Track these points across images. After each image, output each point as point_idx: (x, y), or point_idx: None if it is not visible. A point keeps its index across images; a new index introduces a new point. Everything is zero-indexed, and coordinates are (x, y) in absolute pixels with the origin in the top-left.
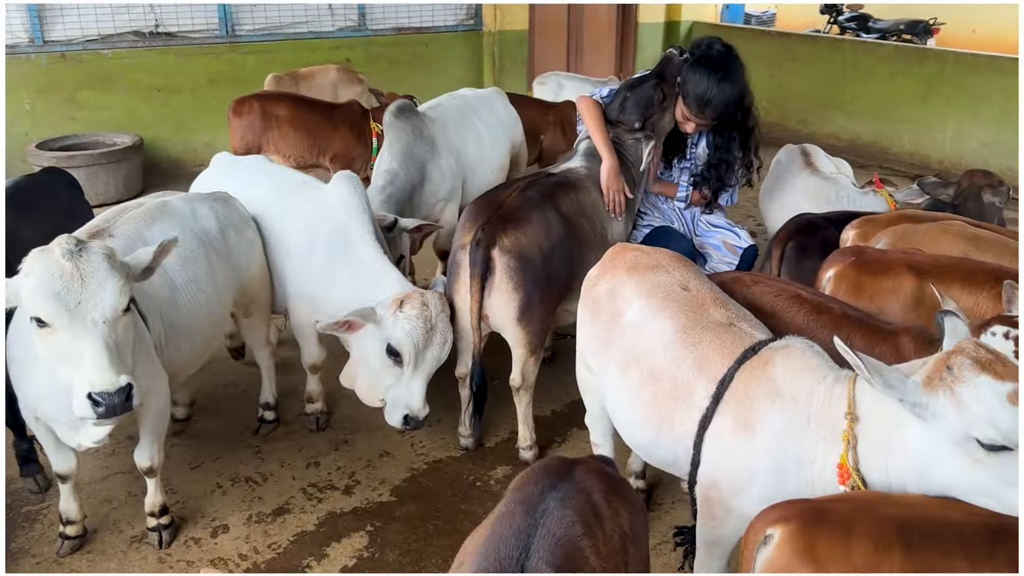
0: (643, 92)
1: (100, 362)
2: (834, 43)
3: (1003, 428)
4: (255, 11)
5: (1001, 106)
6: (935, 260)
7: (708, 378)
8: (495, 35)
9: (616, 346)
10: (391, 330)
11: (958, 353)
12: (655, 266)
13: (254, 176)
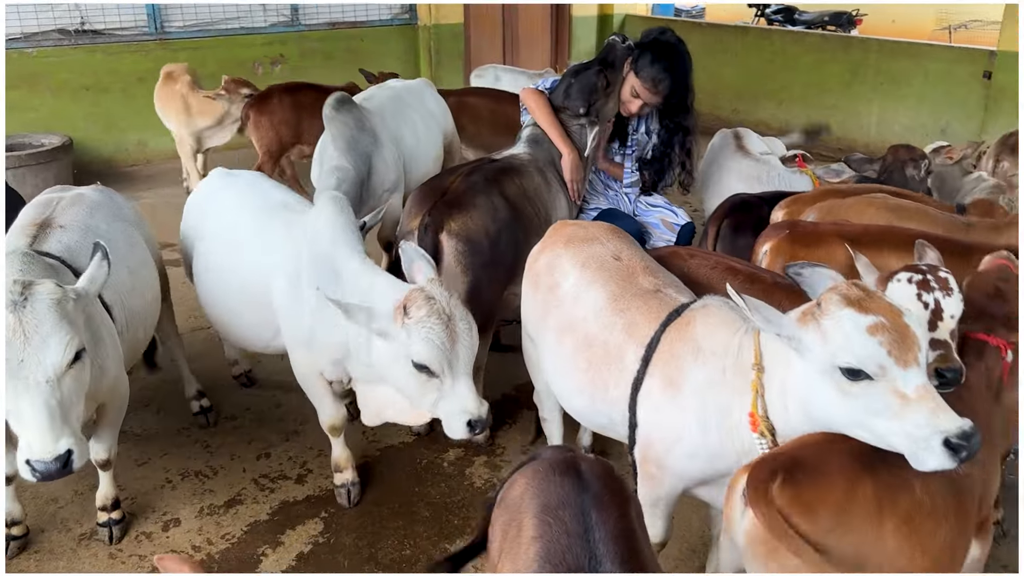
0: (587, 79)
1: (40, 428)
2: (763, 33)
3: (860, 355)
4: (184, 7)
5: (920, 90)
6: (865, 229)
7: (637, 342)
8: (430, 29)
9: (553, 316)
10: (407, 344)
11: (831, 291)
12: (590, 238)
13: (243, 197)
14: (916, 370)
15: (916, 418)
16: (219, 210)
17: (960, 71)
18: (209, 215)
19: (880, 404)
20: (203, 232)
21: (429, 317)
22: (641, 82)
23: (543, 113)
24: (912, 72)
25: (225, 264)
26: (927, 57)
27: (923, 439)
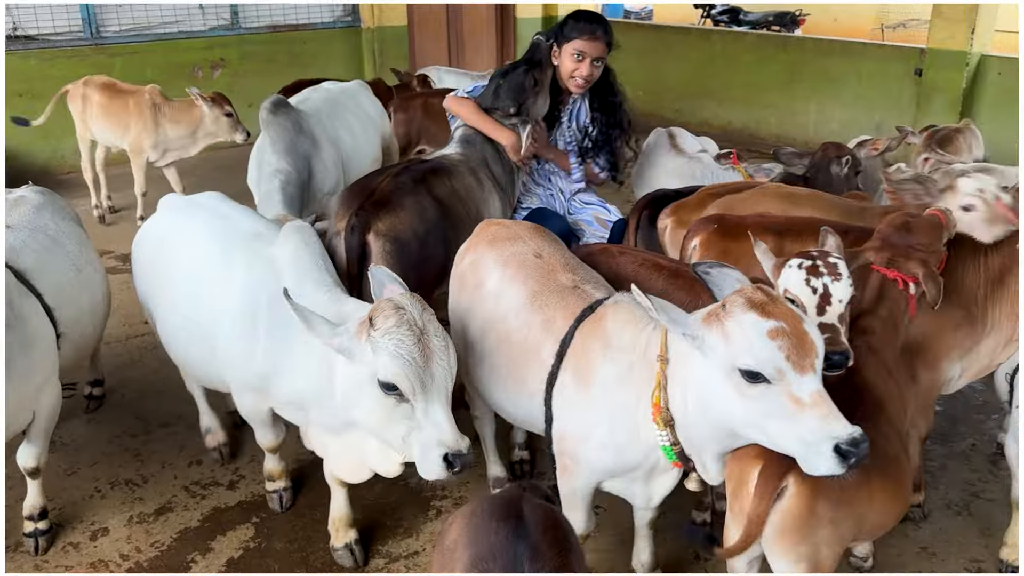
0: (515, 79)
1: None
2: (704, 34)
3: (760, 358)
4: (121, 11)
5: (856, 88)
6: (789, 220)
7: (553, 338)
8: (374, 31)
9: (478, 314)
10: (372, 360)
11: (736, 293)
12: (513, 237)
13: (203, 226)
14: (812, 376)
15: (809, 423)
16: (180, 239)
17: (893, 69)
18: (169, 247)
19: (776, 407)
20: (162, 263)
21: (398, 327)
22: (578, 36)
23: (470, 111)
24: (847, 70)
25: (186, 300)
26: (861, 56)
27: (815, 444)
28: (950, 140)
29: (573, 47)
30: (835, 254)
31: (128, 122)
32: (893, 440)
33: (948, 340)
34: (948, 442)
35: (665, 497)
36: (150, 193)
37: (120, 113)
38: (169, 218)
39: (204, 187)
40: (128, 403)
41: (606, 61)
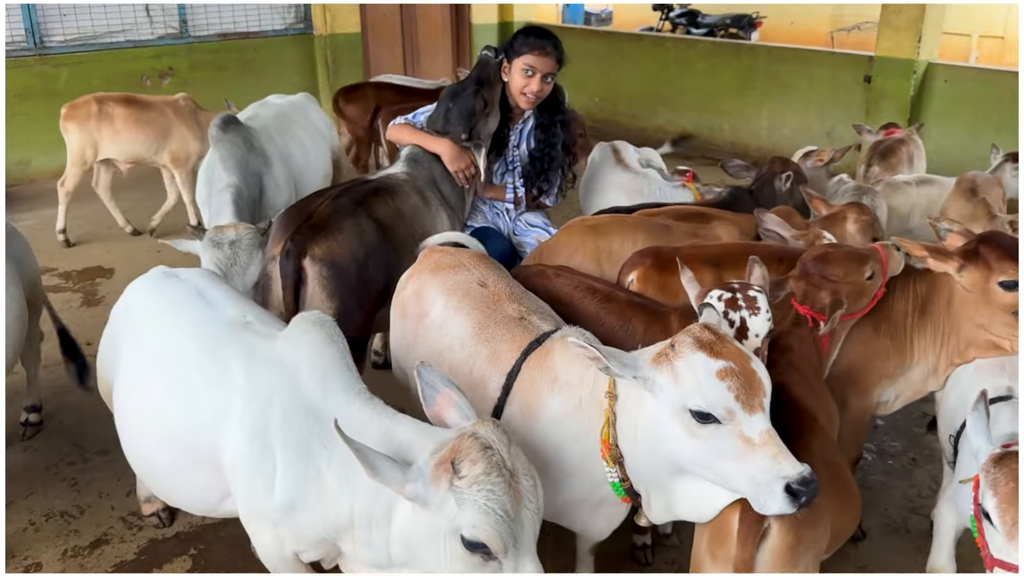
0: (465, 102)
1: None
2: (658, 41)
3: (709, 398)
4: (65, 20)
5: (807, 94)
6: (725, 249)
7: (499, 371)
8: (326, 38)
9: (421, 345)
10: (456, 514)
11: (685, 333)
12: (457, 265)
13: (188, 309)
14: (761, 415)
15: (759, 463)
16: (155, 324)
17: (843, 76)
18: (141, 329)
19: (726, 447)
20: (130, 350)
21: (488, 475)
22: (529, 52)
23: (407, 134)
24: (799, 77)
25: (159, 400)
26: (812, 62)
27: (765, 484)
28: (893, 152)
29: (523, 62)
30: (756, 287)
31: (168, 131)
32: (830, 447)
33: (878, 369)
34: (888, 458)
35: None
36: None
37: (157, 122)
38: (144, 290)
39: None
40: (66, 429)
41: (555, 78)
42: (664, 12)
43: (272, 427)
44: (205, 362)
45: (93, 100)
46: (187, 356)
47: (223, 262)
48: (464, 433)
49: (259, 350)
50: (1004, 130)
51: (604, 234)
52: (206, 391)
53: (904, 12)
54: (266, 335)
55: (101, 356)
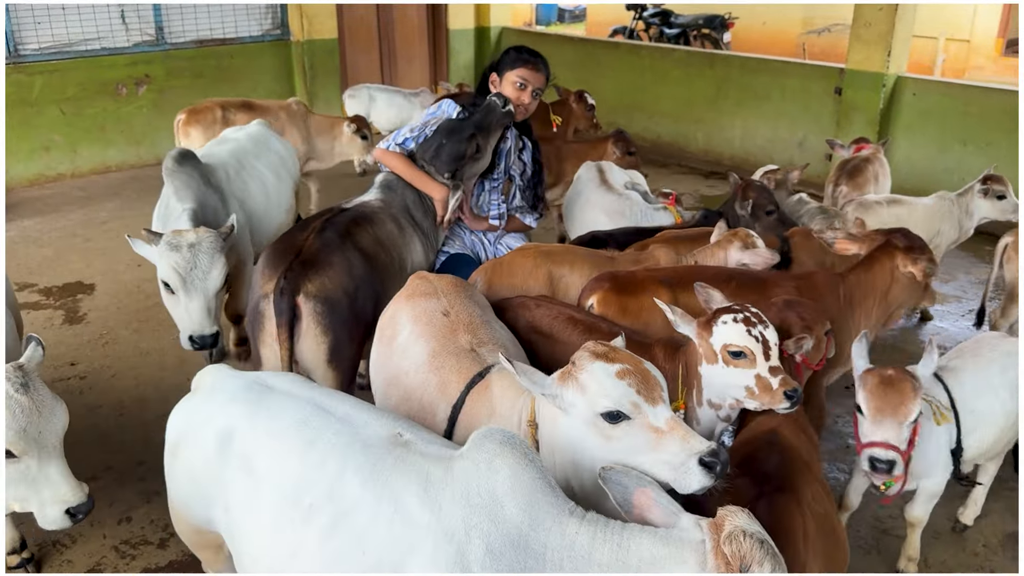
0: (458, 145)
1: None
2: (633, 49)
3: (615, 396)
4: (40, 27)
5: (778, 105)
6: (675, 272)
7: (446, 401)
8: (303, 45)
9: (388, 367)
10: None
11: (581, 350)
12: (430, 293)
13: (320, 437)
14: (663, 406)
15: (671, 447)
16: (282, 456)
17: (814, 87)
18: (260, 463)
19: (640, 441)
20: (250, 490)
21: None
22: (523, 66)
23: (404, 169)
24: (771, 87)
25: (314, 548)
26: (784, 73)
27: (681, 464)
28: (860, 171)
29: (517, 75)
30: (742, 304)
31: (281, 134)
32: (821, 497)
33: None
34: None
35: None
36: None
37: (272, 126)
38: (240, 414)
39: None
40: None
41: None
42: (637, 12)
43: (475, 567)
44: (369, 497)
45: (216, 105)
46: (343, 492)
47: (182, 266)
48: (730, 533)
49: (436, 477)
50: (970, 143)
51: (557, 262)
52: (377, 532)
53: (874, 26)
54: (437, 457)
55: (179, 493)
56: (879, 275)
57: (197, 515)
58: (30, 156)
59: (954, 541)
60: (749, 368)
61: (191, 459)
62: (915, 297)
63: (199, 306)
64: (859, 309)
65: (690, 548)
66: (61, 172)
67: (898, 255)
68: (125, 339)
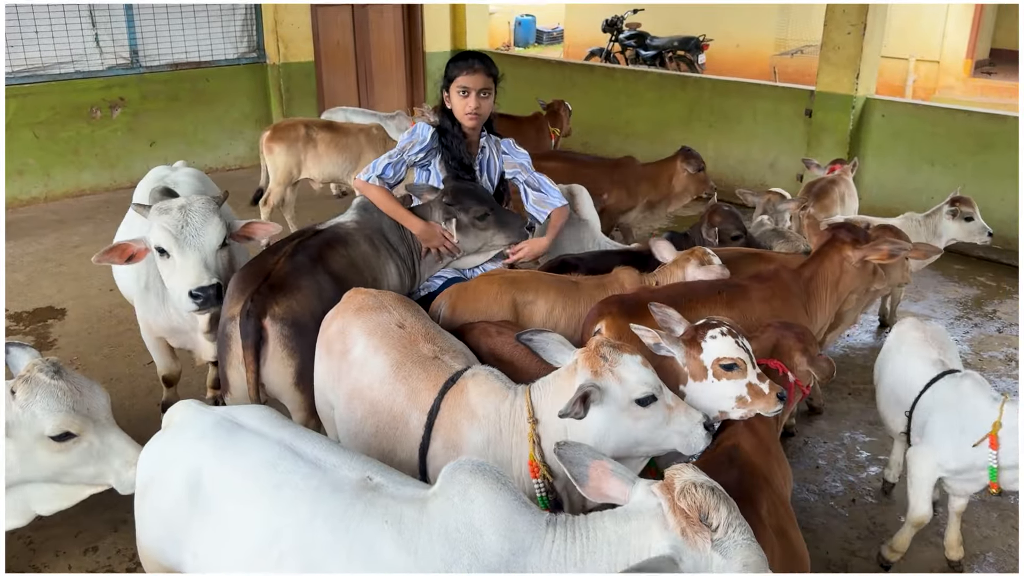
0: (477, 212)
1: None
2: (607, 72)
3: (651, 382)
4: (12, 51)
5: (750, 127)
6: (674, 290)
7: (419, 409)
8: (280, 68)
9: (344, 382)
10: (726, 565)
11: (599, 346)
12: (379, 307)
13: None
14: (664, 387)
15: (680, 419)
16: (249, 503)
17: (785, 109)
18: (226, 510)
19: (659, 418)
20: (217, 539)
21: (731, 511)
22: (459, 73)
23: (383, 202)
24: (742, 109)
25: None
26: (755, 95)
27: (690, 432)
28: (826, 192)
29: (457, 85)
30: (724, 319)
31: (360, 156)
32: (781, 511)
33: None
34: (829, 500)
35: None
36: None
37: (352, 147)
38: (209, 453)
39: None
40: None
41: (494, 95)
42: (614, 33)
43: None
44: (340, 546)
45: (300, 124)
46: (314, 541)
47: (173, 225)
48: (682, 488)
49: (410, 518)
50: (938, 163)
51: (522, 288)
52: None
53: (843, 50)
54: (410, 499)
55: (148, 535)
56: (829, 268)
57: (168, 557)
58: (3, 180)
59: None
60: (741, 378)
61: (160, 501)
62: (865, 283)
63: (195, 261)
64: (814, 300)
65: (649, 515)
66: (34, 195)
67: (846, 248)
68: (96, 364)
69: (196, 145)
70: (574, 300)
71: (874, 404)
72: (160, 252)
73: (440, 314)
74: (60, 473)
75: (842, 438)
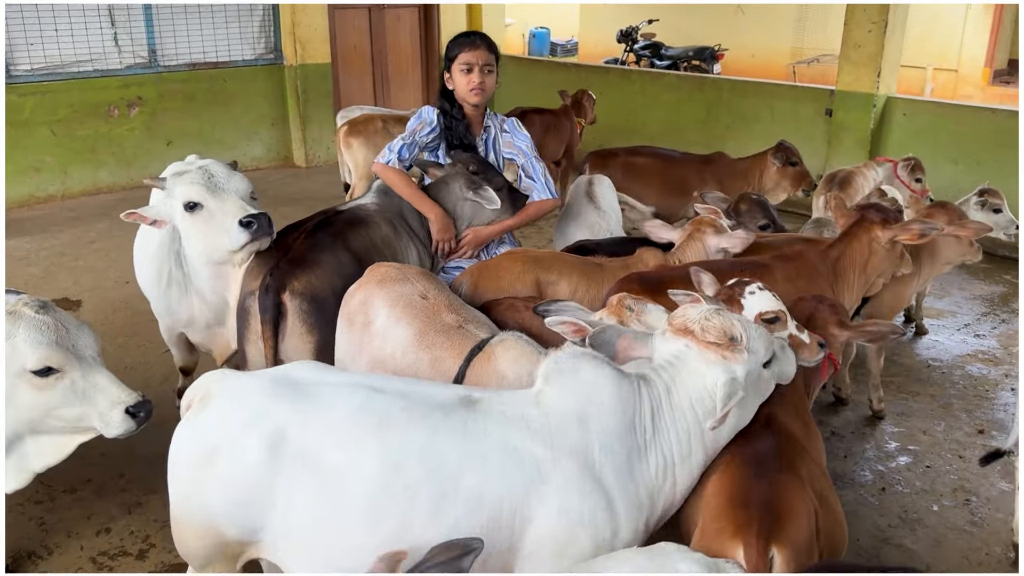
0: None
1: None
2: (624, 73)
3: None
4: (32, 48)
5: (769, 127)
6: (703, 266)
7: (442, 376)
8: (297, 69)
9: (366, 352)
10: (758, 360)
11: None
12: (402, 279)
13: (391, 422)
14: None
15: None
16: (360, 448)
17: (804, 109)
18: (330, 460)
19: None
20: (319, 491)
21: (742, 318)
22: (460, 51)
23: (401, 186)
24: (761, 110)
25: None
26: (774, 95)
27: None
28: (849, 181)
29: (459, 62)
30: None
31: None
32: (818, 475)
33: None
34: (858, 488)
35: None
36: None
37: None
38: (276, 414)
39: None
40: None
41: (496, 73)
42: (628, 44)
43: (605, 473)
44: (475, 456)
45: (377, 118)
46: (442, 461)
47: (200, 177)
48: (701, 327)
49: (531, 415)
50: (961, 162)
51: (546, 268)
52: (490, 483)
53: (864, 48)
54: (519, 400)
55: (207, 510)
56: (857, 248)
57: (236, 526)
58: (20, 177)
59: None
60: (783, 330)
61: (230, 470)
62: (893, 266)
63: (234, 199)
64: (842, 281)
65: (683, 360)
66: (51, 193)
67: (875, 228)
68: (110, 354)
69: (213, 145)
70: (597, 282)
71: (901, 395)
72: (191, 208)
73: (462, 292)
74: (43, 416)
75: (871, 428)
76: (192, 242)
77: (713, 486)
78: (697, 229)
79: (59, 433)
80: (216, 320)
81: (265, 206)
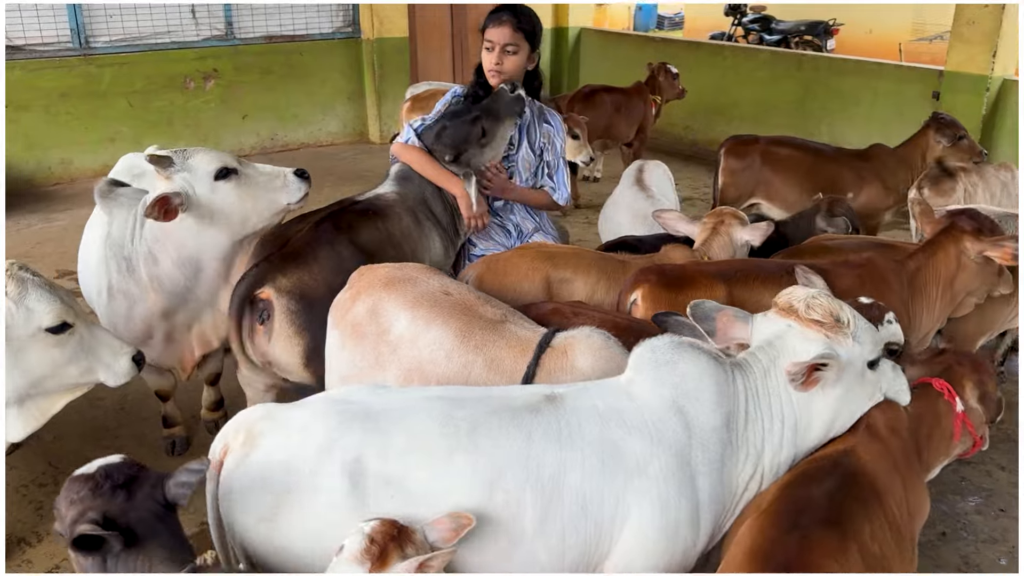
0: (462, 127)
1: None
2: (715, 49)
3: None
4: (111, 21)
5: (869, 109)
6: (729, 265)
7: (505, 378)
8: (374, 43)
9: (391, 363)
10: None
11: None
12: (410, 278)
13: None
14: None
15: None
16: (420, 471)
17: (909, 90)
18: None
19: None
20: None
21: (843, 306)
22: (486, 27)
23: (422, 164)
24: (861, 90)
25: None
26: (876, 76)
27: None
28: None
29: (485, 39)
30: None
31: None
32: (888, 541)
33: None
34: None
35: None
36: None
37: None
38: (347, 444)
39: None
40: (45, 446)
41: (527, 54)
42: (737, 17)
43: (698, 467)
44: (575, 458)
45: (443, 93)
46: (540, 466)
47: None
48: (807, 305)
49: (625, 409)
50: None
51: (559, 265)
52: (591, 480)
53: (978, 24)
54: (608, 393)
55: (287, 552)
56: (943, 261)
57: (317, 561)
58: (96, 147)
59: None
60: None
61: (310, 510)
62: (987, 284)
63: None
64: (920, 298)
65: (783, 339)
66: None
67: (965, 239)
68: None
69: (288, 120)
70: (618, 280)
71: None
72: (224, 175)
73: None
74: (49, 373)
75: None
76: (225, 214)
77: (742, 531)
78: (721, 222)
79: (56, 393)
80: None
81: (332, 183)
